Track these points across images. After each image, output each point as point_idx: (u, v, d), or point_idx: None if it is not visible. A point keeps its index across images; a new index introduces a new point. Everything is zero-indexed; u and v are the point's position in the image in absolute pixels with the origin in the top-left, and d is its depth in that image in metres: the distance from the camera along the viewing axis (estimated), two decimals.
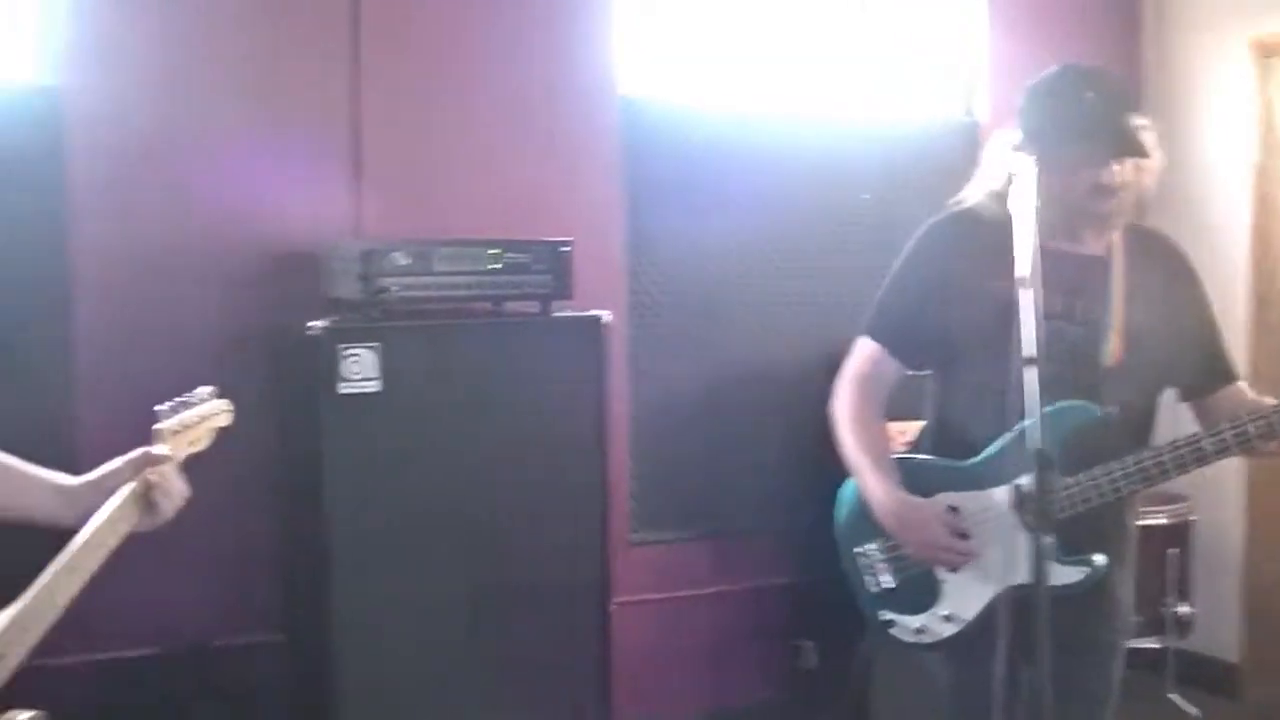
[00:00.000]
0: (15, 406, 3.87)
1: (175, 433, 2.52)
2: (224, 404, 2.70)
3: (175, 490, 2.43)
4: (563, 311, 4.21)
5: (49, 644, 2.12)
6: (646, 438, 4.95)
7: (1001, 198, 2.78)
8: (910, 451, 3.11)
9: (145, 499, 2.40)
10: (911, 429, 3.21)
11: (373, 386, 3.90)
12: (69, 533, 2.38)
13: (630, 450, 4.88)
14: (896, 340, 3.06)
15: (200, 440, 2.62)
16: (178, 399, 2.59)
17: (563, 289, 4.15)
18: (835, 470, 4.68)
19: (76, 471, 2.44)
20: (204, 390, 2.67)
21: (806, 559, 4.97)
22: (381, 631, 3.98)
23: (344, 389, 3.86)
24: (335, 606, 3.94)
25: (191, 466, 2.48)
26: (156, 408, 2.53)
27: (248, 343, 4.25)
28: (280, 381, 4.12)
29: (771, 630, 5.10)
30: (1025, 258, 2.57)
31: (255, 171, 4.33)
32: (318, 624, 4.02)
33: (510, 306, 4.22)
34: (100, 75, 4.17)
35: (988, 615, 2.88)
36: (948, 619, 2.97)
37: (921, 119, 5.45)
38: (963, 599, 2.95)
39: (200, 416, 2.62)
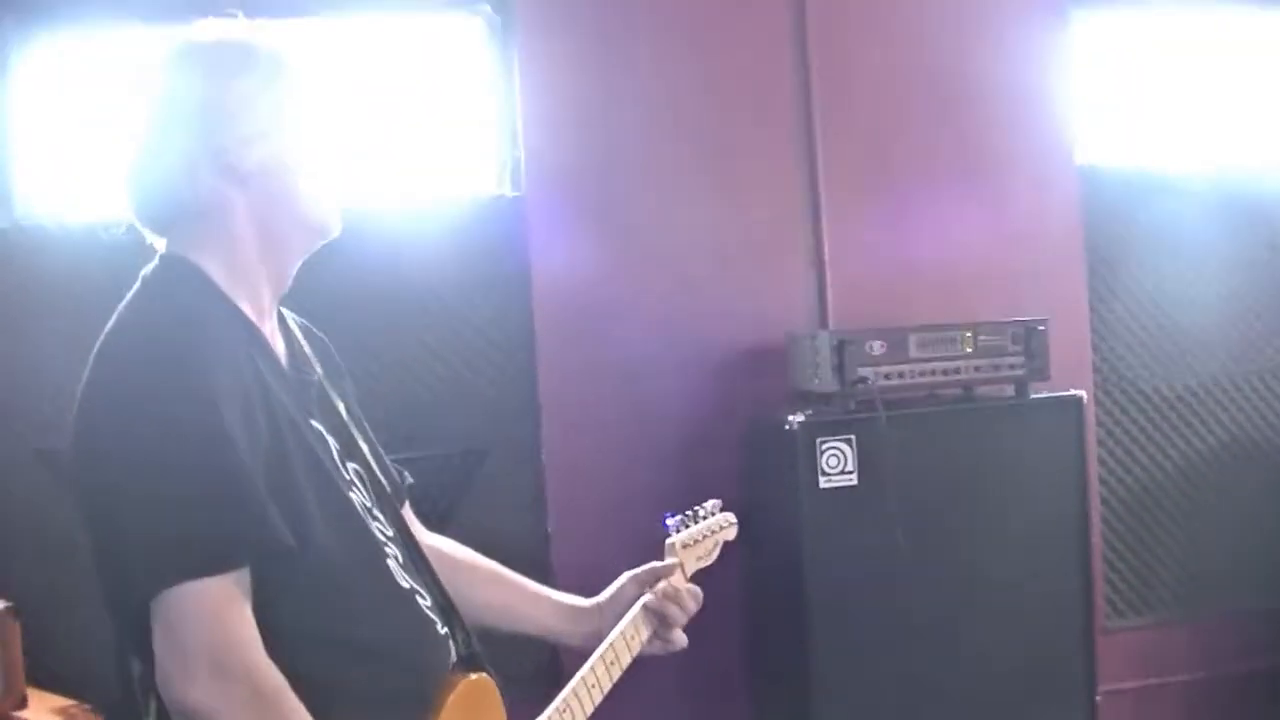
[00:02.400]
0: (492, 519, 4.02)
1: (685, 546, 2.53)
2: (730, 517, 2.68)
3: (685, 607, 2.43)
4: (1038, 393, 4.07)
5: None
6: (1119, 519, 4.75)
7: None
8: None
9: (656, 615, 2.41)
10: None
11: (850, 480, 3.85)
12: None
13: (1103, 532, 4.67)
14: None
15: (708, 555, 2.61)
16: (687, 512, 2.59)
17: (1039, 370, 4.02)
18: None
19: (549, 580, 2.48)
20: (712, 503, 2.67)
21: None
22: None
23: (825, 484, 3.83)
24: (814, 706, 3.89)
25: None
26: (667, 520, 2.54)
27: (720, 440, 4.26)
28: (753, 478, 4.11)
29: (1258, 715, 4.78)
30: None
31: (717, 266, 4.38)
32: None
33: (981, 391, 4.11)
34: (559, 181, 4.29)
35: None
36: None
37: None
38: None
39: (709, 530, 2.61)
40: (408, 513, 2.27)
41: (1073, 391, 4.08)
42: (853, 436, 3.85)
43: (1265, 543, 4.81)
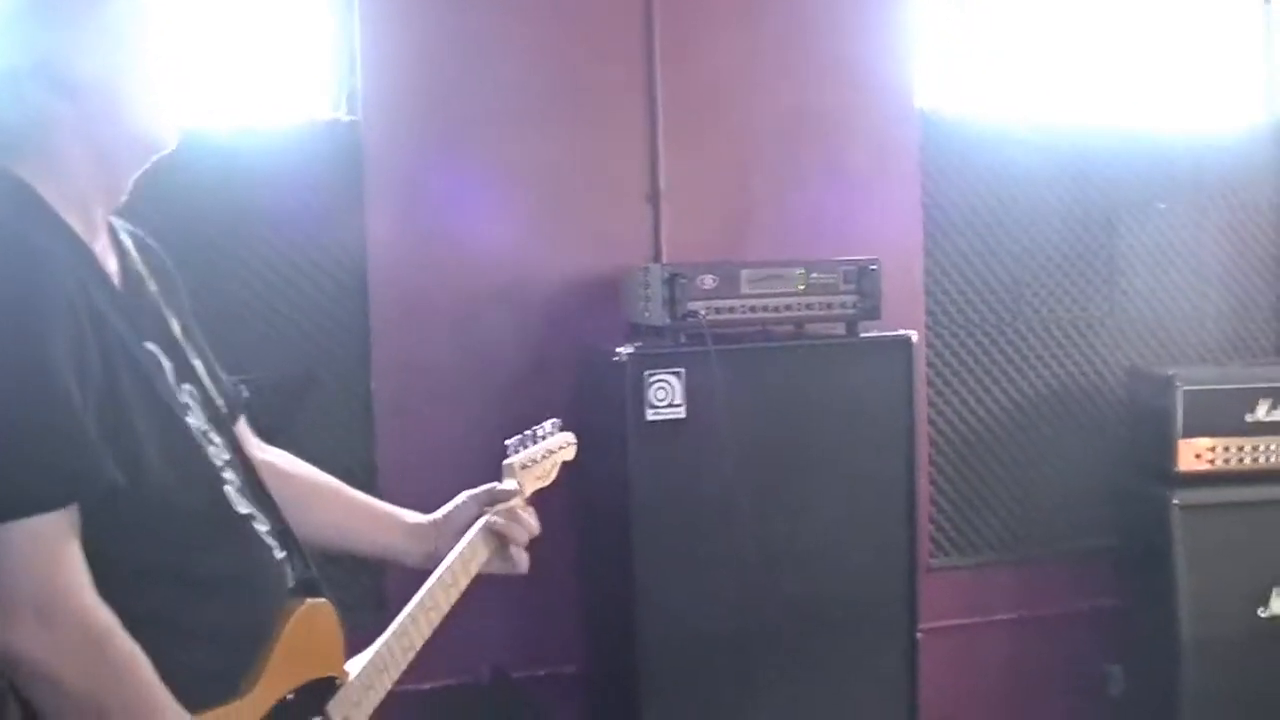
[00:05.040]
0: (319, 443, 3.97)
1: (524, 467, 2.50)
2: (569, 437, 2.67)
3: (526, 527, 2.41)
4: (869, 333, 4.10)
5: None
6: (947, 460, 4.83)
7: None
8: None
9: (496, 536, 2.38)
10: None
11: (679, 413, 3.85)
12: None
13: (931, 473, 4.75)
14: None
15: (546, 476, 2.60)
16: (525, 432, 2.56)
17: (871, 309, 4.04)
18: (1140, 490, 4.58)
19: (383, 498, 2.45)
20: (550, 423, 2.64)
21: (1111, 582, 4.85)
22: (685, 661, 3.92)
23: (651, 415, 3.83)
24: (640, 635, 3.90)
25: None
26: (506, 441, 2.51)
27: (552, 372, 4.26)
28: (587, 410, 4.09)
29: (1077, 657, 4.90)
30: None
31: (552, 198, 4.35)
32: (622, 654, 3.99)
33: (812, 329, 4.13)
34: (397, 108, 4.23)
35: None
36: None
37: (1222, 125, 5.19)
38: None
39: (548, 450, 2.59)
40: (243, 429, 2.23)
41: (902, 331, 4.10)
42: (682, 370, 3.84)
43: (1090, 486, 4.93)
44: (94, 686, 1.69)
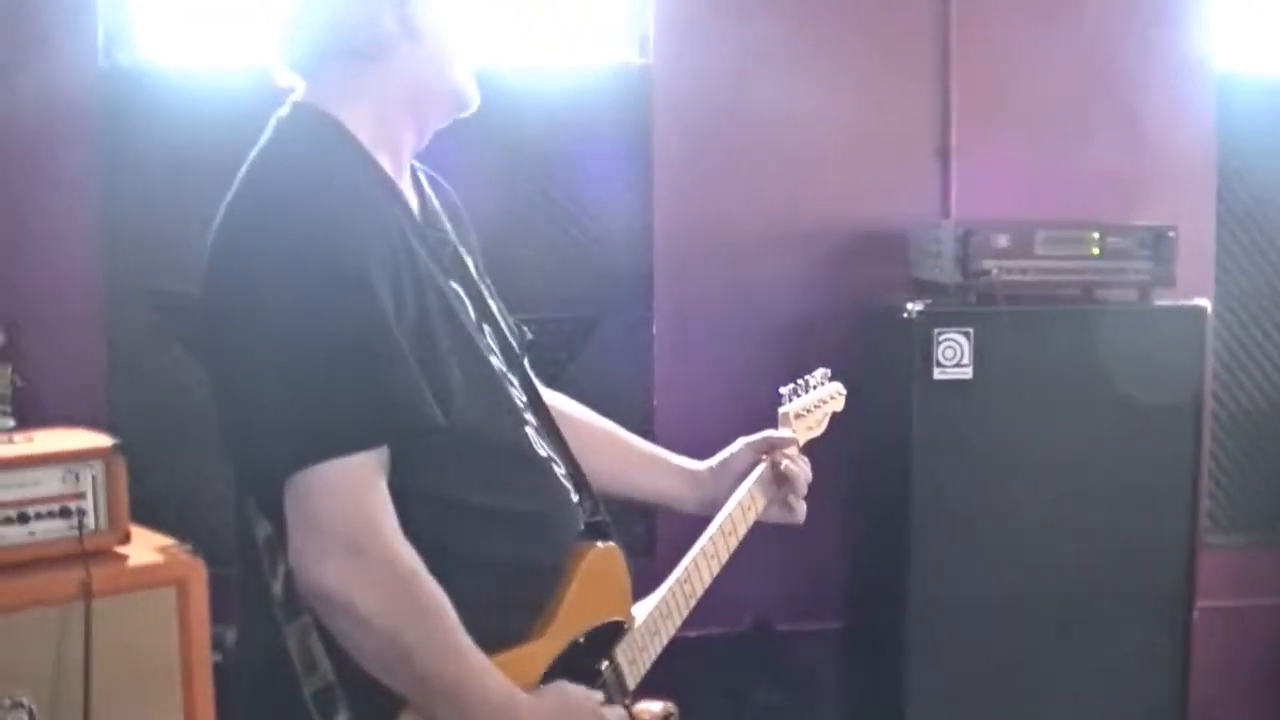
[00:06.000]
0: (599, 386, 3.99)
1: (798, 416, 2.48)
2: (839, 387, 2.62)
3: (802, 475, 2.39)
4: (1162, 300, 3.99)
5: None
6: (1229, 435, 4.67)
7: None
8: None
9: (776, 482, 2.37)
10: None
11: (965, 373, 3.80)
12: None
13: (1212, 448, 4.59)
14: None
15: (819, 425, 2.56)
16: (798, 381, 2.54)
17: (1165, 276, 3.93)
18: None
19: (658, 442, 2.44)
20: (821, 373, 2.61)
21: None
22: (955, 624, 3.90)
23: (939, 375, 3.78)
24: (911, 595, 3.89)
25: None
26: (780, 390, 2.50)
27: (830, 324, 4.22)
28: (866, 365, 4.05)
29: None
30: None
31: (841, 150, 4.31)
32: (890, 613, 3.98)
33: (1102, 294, 4.03)
34: (688, 53, 4.23)
35: None
36: None
37: None
38: None
39: (820, 400, 2.56)
40: (529, 371, 2.22)
41: (1197, 301, 3.99)
42: (971, 329, 3.79)
43: None
44: (398, 625, 1.69)
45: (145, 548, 3.09)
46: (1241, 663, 4.66)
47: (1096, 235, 3.91)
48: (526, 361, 2.19)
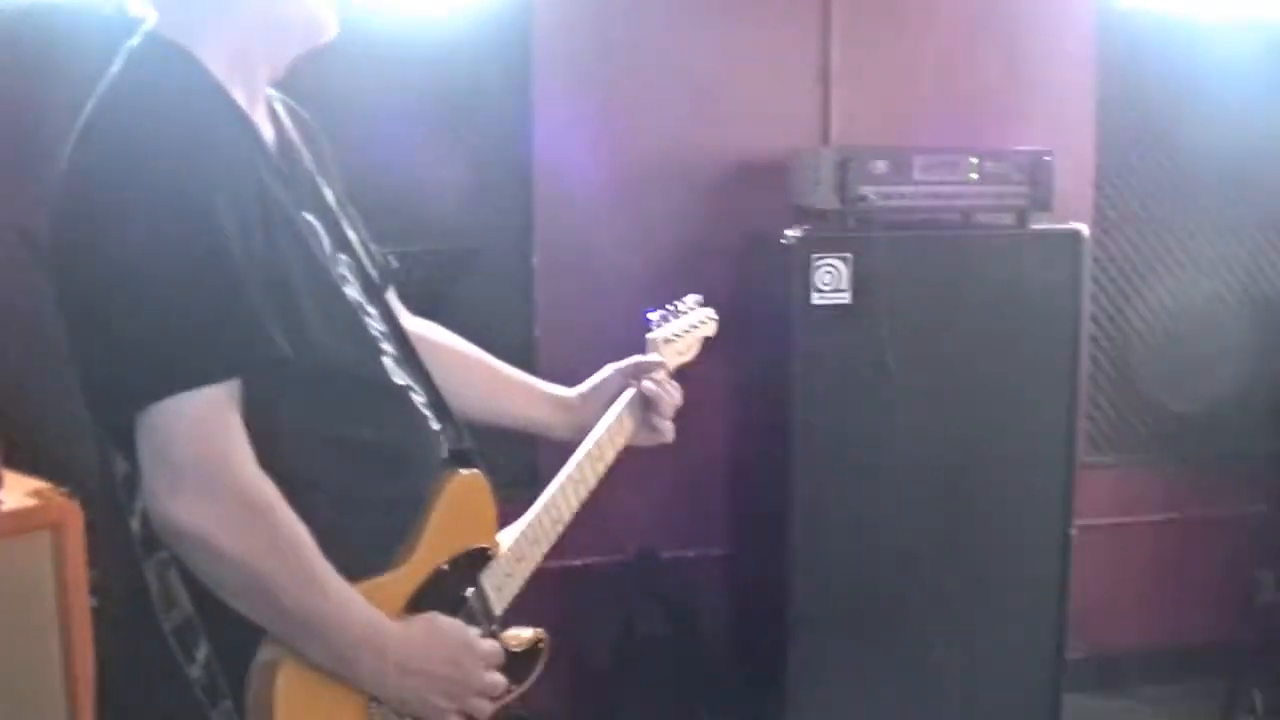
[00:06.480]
0: (479, 317, 3.97)
1: (667, 341, 2.50)
2: (710, 313, 2.64)
3: (671, 399, 2.40)
4: (1039, 225, 4.03)
5: None
6: (1107, 357, 4.76)
7: None
8: None
9: (642, 405, 2.39)
10: None
11: (844, 298, 3.83)
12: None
13: (1090, 370, 4.67)
14: None
15: (689, 350, 2.58)
16: (667, 307, 2.56)
17: (1042, 201, 3.97)
18: None
19: (544, 376, 2.44)
20: (692, 298, 2.62)
21: (1269, 488, 4.76)
22: (838, 547, 3.95)
23: (817, 300, 3.81)
24: (793, 519, 3.93)
25: None
26: (648, 315, 2.51)
27: (714, 253, 4.23)
28: (747, 291, 4.08)
29: (1228, 562, 4.83)
30: None
31: (723, 80, 4.31)
32: (774, 537, 4.01)
33: (981, 218, 4.07)
34: None
35: None
36: None
37: None
38: None
39: (690, 326, 2.58)
40: (393, 299, 2.21)
41: (1073, 225, 4.04)
42: (849, 255, 3.82)
43: (1254, 391, 4.82)
44: (255, 558, 1.68)
45: (19, 491, 3.04)
46: (1120, 578, 4.77)
47: (974, 160, 3.94)
48: (392, 291, 2.19)
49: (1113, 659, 4.70)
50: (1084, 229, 4.04)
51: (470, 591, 2.01)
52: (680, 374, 2.48)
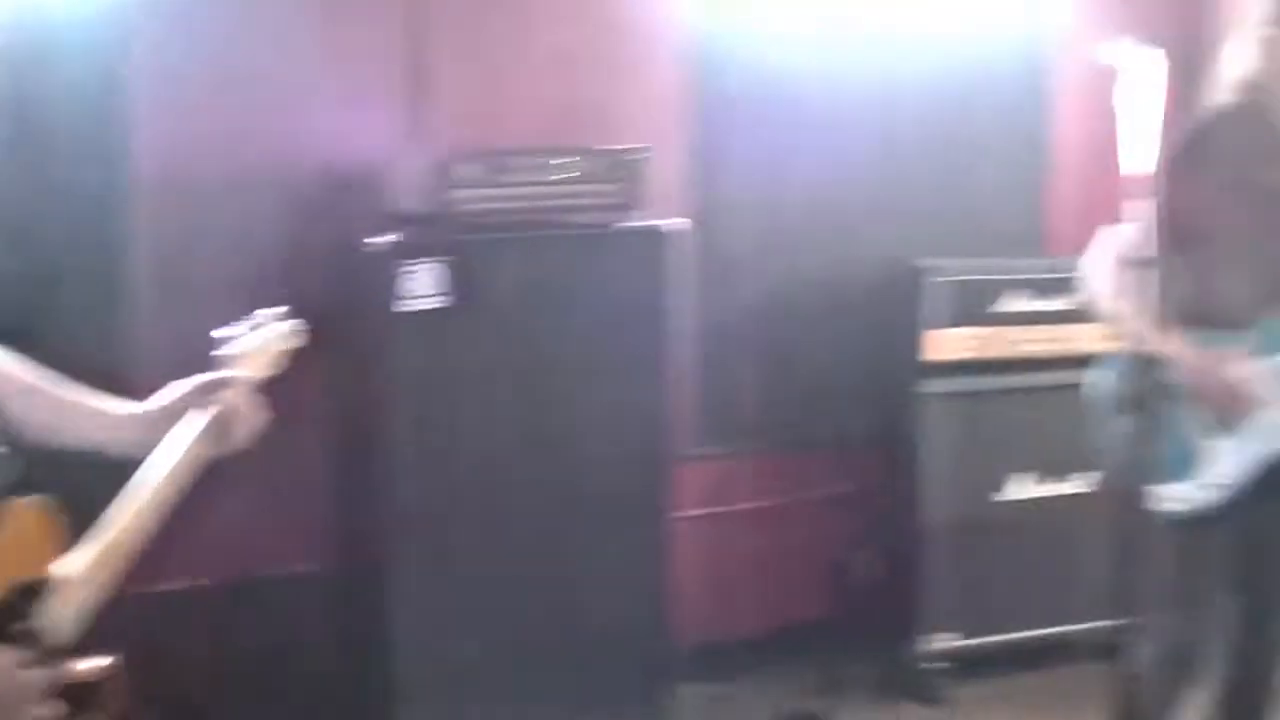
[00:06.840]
0: (73, 329, 3.84)
1: (242, 356, 2.43)
2: (291, 325, 2.59)
3: (249, 416, 2.35)
4: (634, 222, 4.08)
5: None
6: (716, 351, 4.85)
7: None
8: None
9: (219, 425, 2.31)
10: None
11: (436, 303, 3.80)
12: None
13: (695, 364, 4.74)
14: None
15: (269, 365, 2.53)
16: (248, 320, 2.49)
17: (636, 199, 4.03)
18: (891, 379, 4.65)
19: (137, 395, 2.35)
20: (273, 311, 2.57)
21: (862, 471, 4.94)
22: (441, 551, 3.93)
23: (409, 307, 3.77)
24: (394, 527, 3.91)
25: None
26: (226, 330, 2.43)
27: (308, 264, 4.13)
28: (342, 301, 4.00)
29: (829, 543, 5.01)
30: None
31: (316, 86, 4.21)
32: (375, 549, 3.99)
33: (577, 218, 4.09)
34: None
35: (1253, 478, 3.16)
36: (1210, 485, 3.18)
37: (983, 38, 5.21)
38: (1228, 464, 3.17)
39: (269, 338, 2.53)
40: None
41: (654, 223, 4.10)
42: (440, 260, 3.79)
43: (848, 376, 4.97)
44: None
45: None
46: (722, 567, 4.88)
47: (567, 161, 3.98)
48: None
49: (718, 646, 4.79)
50: (667, 225, 4.10)
51: (23, 624, 1.92)
52: (276, 387, 2.43)
